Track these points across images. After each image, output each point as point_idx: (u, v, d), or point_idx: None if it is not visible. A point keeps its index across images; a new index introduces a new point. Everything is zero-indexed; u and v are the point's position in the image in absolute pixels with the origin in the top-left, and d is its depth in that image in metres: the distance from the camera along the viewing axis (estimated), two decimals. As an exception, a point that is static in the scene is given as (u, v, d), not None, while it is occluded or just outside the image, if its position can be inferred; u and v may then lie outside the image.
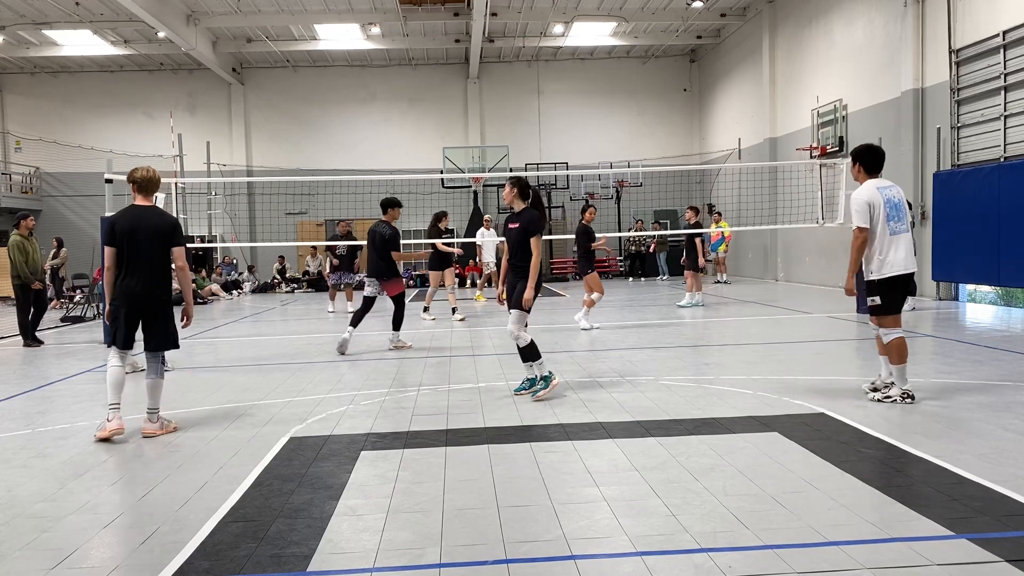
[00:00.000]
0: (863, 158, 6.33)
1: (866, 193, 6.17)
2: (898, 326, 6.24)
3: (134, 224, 5.71)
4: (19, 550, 3.66)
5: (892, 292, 6.18)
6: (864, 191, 6.21)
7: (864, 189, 6.23)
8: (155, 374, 5.86)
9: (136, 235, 5.69)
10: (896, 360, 6.17)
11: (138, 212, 5.80)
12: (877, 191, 6.15)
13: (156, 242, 5.73)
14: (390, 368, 8.59)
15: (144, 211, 5.82)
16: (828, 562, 3.24)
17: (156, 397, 5.83)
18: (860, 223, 6.13)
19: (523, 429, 5.64)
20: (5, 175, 26.11)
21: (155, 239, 5.72)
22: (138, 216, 5.76)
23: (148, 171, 5.94)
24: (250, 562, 3.42)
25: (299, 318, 15.60)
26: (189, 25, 21.82)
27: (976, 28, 13.53)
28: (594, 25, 23.92)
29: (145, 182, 5.89)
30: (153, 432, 5.77)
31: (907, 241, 6.17)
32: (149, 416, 5.82)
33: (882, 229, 6.10)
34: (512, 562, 3.34)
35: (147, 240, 5.70)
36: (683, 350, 9.40)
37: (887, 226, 6.10)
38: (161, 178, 6.02)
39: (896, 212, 6.16)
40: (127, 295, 5.71)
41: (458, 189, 26.42)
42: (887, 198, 6.15)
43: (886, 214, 6.10)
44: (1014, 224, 12.32)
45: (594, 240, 11.79)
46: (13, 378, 8.77)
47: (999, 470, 4.34)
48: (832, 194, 15.42)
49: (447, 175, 24.82)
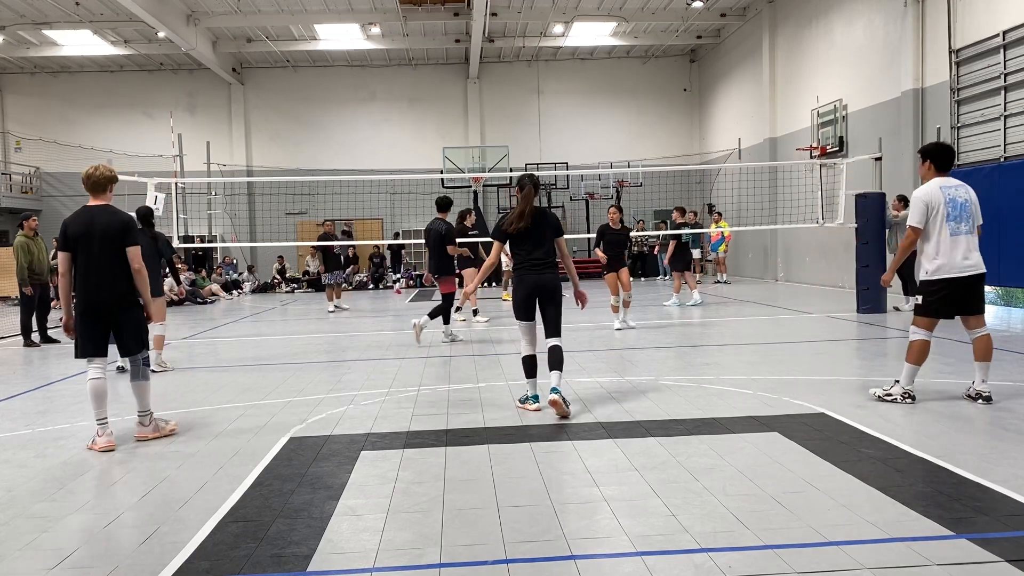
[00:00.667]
0: (933, 155, 6.15)
1: (926, 192, 6.04)
2: (929, 329, 6.07)
3: (86, 227, 5.45)
4: (19, 550, 3.66)
5: (936, 294, 6.00)
6: (925, 189, 6.07)
7: (925, 187, 6.09)
8: (138, 377, 5.70)
9: (89, 238, 5.44)
10: (912, 360, 6.08)
11: (90, 213, 5.53)
12: (940, 190, 6.00)
13: (110, 243, 5.46)
14: (390, 368, 8.59)
15: (96, 211, 5.54)
16: (828, 562, 3.24)
17: (145, 400, 5.69)
18: (913, 222, 6.02)
19: (523, 429, 5.64)
20: (5, 175, 26.10)
21: (108, 240, 5.45)
22: (90, 217, 5.50)
23: (94, 169, 5.67)
24: (250, 562, 3.42)
25: (299, 318, 15.60)
26: (189, 25, 21.82)
27: (976, 28, 13.53)
28: (594, 25, 23.92)
29: (91, 181, 5.62)
30: (146, 436, 5.65)
31: (967, 242, 5.97)
32: (141, 419, 5.69)
33: (940, 229, 5.94)
34: (512, 562, 3.34)
35: (100, 242, 5.44)
36: (683, 350, 9.40)
37: (946, 226, 5.93)
38: (112, 174, 5.71)
39: (959, 213, 5.97)
40: (88, 301, 5.49)
41: (458, 189, 26.40)
42: (950, 198, 5.99)
43: (946, 214, 5.94)
44: (1014, 224, 12.31)
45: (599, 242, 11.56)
46: (13, 378, 8.78)
47: (999, 470, 4.34)
48: (832, 194, 15.42)
49: (447, 175, 24.82)
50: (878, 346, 9.42)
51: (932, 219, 5.98)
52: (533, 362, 6.26)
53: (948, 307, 6.06)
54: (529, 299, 6.23)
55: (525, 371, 6.26)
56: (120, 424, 6.23)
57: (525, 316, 6.26)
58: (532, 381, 6.23)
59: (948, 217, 5.95)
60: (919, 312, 6.12)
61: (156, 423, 5.74)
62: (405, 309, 16.96)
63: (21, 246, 11.39)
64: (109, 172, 5.70)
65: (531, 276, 6.18)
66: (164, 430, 5.76)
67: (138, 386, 5.69)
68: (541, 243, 6.22)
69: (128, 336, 5.64)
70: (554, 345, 6.30)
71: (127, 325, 5.60)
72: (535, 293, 6.21)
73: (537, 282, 6.18)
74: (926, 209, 5.99)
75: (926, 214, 5.99)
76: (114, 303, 5.53)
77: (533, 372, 6.24)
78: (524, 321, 6.26)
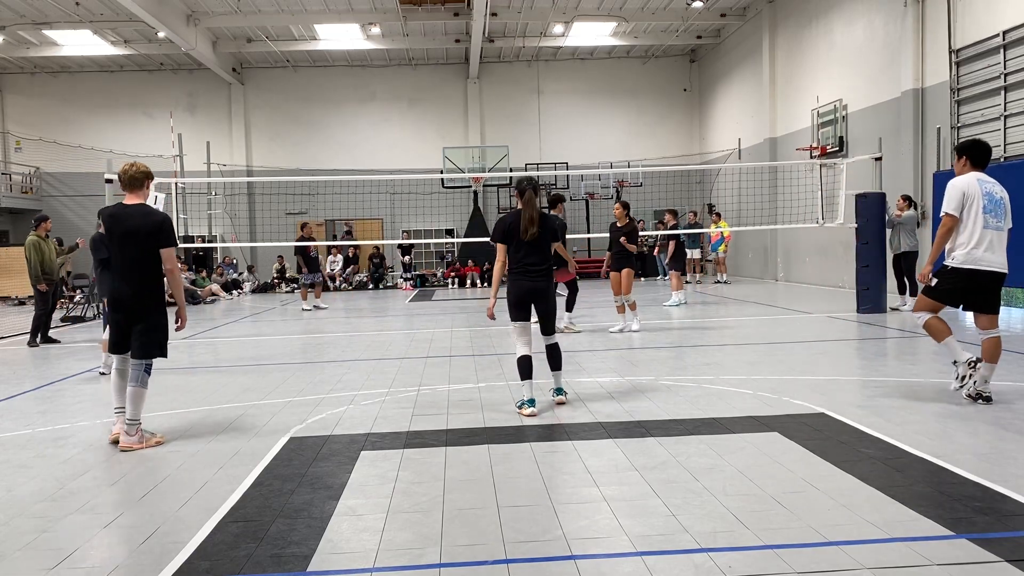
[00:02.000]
0: (970, 151, 6.12)
1: (964, 181, 5.98)
2: (931, 311, 6.08)
3: (117, 223, 5.45)
4: (19, 550, 3.66)
5: (957, 283, 5.95)
6: (962, 180, 6.01)
7: (963, 178, 6.02)
8: (136, 382, 5.43)
9: (119, 235, 5.43)
10: (939, 338, 6.04)
11: (125, 211, 5.49)
12: (977, 182, 5.96)
13: (141, 242, 5.40)
14: (390, 368, 8.59)
15: (131, 209, 5.49)
16: (828, 562, 3.24)
17: (137, 407, 5.39)
18: (948, 209, 5.93)
19: (523, 429, 5.64)
20: (5, 175, 26.10)
21: (140, 239, 5.40)
22: (122, 215, 5.47)
23: (130, 166, 5.60)
24: (250, 562, 3.42)
25: (299, 318, 15.60)
26: (189, 25, 21.82)
27: (976, 28, 13.53)
28: (594, 25, 23.92)
29: (127, 178, 5.55)
30: (130, 446, 5.33)
31: (1000, 239, 5.94)
32: (128, 428, 5.36)
33: (976, 218, 5.88)
34: (512, 562, 3.34)
35: (131, 240, 5.40)
36: (683, 350, 9.40)
37: (982, 217, 5.88)
38: (148, 171, 5.64)
39: (995, 207, 5.93)
40: (114, 298, 5.52)
41: (458, 189, 26.42)
42: (987, 191, 5.95)
43: (982, 205, 5.89)
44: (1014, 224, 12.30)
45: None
46: (13, 378, 8.77)
47: (999, 470, 4.34)
48: (832, 194, 15.42)
49: (447, 175, 24.83)
50: (878, 346, 9.42)
51: (968, 208, 5.91)
52: (529, 363, 6.20)
53: (957, 297, 6.04)
54: (523, 301, 6.27)
55: (521, 373, 6.21)
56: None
57: (520, 316, 6.28)
58: (528, 383, 6.17)
59: (985, 209, 5.90)
60: (926, 292, 6.08)
61: (142, 434, 5.44)
62: (404, 309, 16.97)
63: (33, 245, 11.54)
64: (145, 169, 5.61)
65: (525, 282, 6.22)
66: (150, 441, 5.45)
67: (134, 391, 5.40)
68: (539, 249, 6.23)
69: (143, 338, 5.47)
70: (551, 344, 6.44)
71: (143, 327, 5.47)
72: (529, 297, 6.27)
73: (532, 288, 6.23)
74: (963, 197, 5.92)
75: (962, 202, 5.91)
76: (136, 302, 5.45)
77: (529, 373, 6.18)
78: (519, 321, 6.27)
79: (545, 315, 6.37)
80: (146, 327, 5.47)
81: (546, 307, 6.34)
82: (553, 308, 6.42)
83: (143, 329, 5.47)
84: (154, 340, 5.52)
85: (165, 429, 5.98)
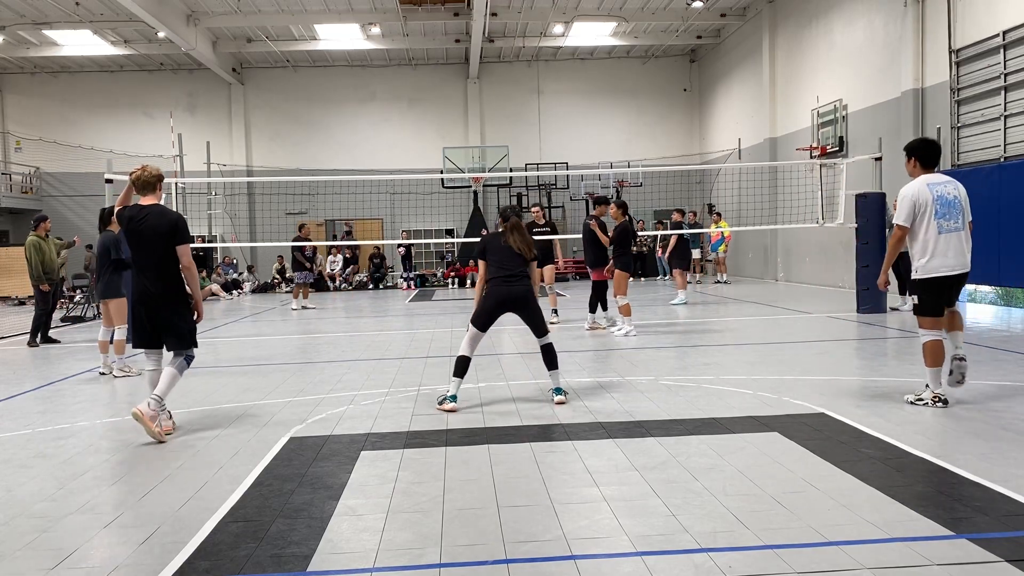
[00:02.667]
0: (918, 152, 6.11)
1: (912, 190, 5.97)
2: (936, 328, 5.98)
3: (136, 224, 5.69)
4: (19, 550, 3.66)
5: (932, 293, 5.96)
6: (912, 187, 6.00)
7: (912, 185, 6.01)
8: (175, 366, 5.77)
9: (138, 235, 5.68)
10: (929, 363, 5.95)
11: (140, 212, 5.73)
12: (927, 188, 5.93)
13: (158, 240, 5.65)
14: (390, 368, 8.59)
15: (146, 210, 5.73)
16: (828, 562, 3.24)
17: (165, 386, 5.67)
18: (899, 220, 5.97)
19: (523, 429, 5.64)
20: (5, 175, 26.10)
21: (157, 237, 5.65)
22: (140, 216, 5.70)
23: (142, 170, 5.85)
24: (250, 562, 3.42)
25: (299, 318, 15.60)
26: (189, 25, 21.82)
27: (976, 28, 13.53)
28: (594, 25, 23.92)
29: (140, 183, 5.81)
30: (142, 413, 5.44)
31: (958, 240, 5.91)
32: (151, 402, 5.58)
33: (928, 227, 5.87)
34: (512, 562, 3.34)
35: (149, 239, 5.65)
36: (683, 350, 9.40)
37: (935, 223, 5.86)
38: (159, 173, 5.88)
39: (948, 210, 5.89)
40: (138, 294, 5.75)
41: (458, 189, 26.42)
42: (939, 195, 5.91)
43: (934, 211, 5.87)
44: (1014, 224, 12.31)
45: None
46: (13, 378, 8.77)
47: (999, 470, 4.34)
48: (832, 194, 15.42)
49: (447, 175, 24.83)
50: (878, 346, 9.42)
51: (920, 217, 5.90)
52: (467, 364, 6.38)
53: (941, 304, 6.03)
54: (496, 311, 6.44)
55: (456, 370, 6.36)
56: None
57: (483, 326, 6.47)
58: (458, 381, 6.33)
59: (936, 214, 5.87)
60: (922, 313, 6.05)
61: (160, 418, 5.62)
62: (404, 309, 16.97)
63: (33, 245, 11.56)
64: (156, 172, 5.86)
65: (503, 288, 6.40)
66: (166, 427, 5.67)
67: (170, 373, 5.71)
68: (518, 258, 6.50)
69: (170, 333, 5.77)
70: (546, 344, 6.57)
71: (169, 323, 5.74)
72: (505, 306, 6.43)
73: (508, 294, 6.39)
74: (913, 207, 5.92)
75: (913, 212, 5.92)
76: (162, 298, 5.69)
77: (463, 373, 6.35)
78: (478, 330, 6.45)
79: (531, 319, 6.52)
80: (174, 321, 5.75)
81: (528, 311, 6.48)
82: (537, 309, 6.53)
83: (172, 324, 5.75)
84: (185, 333, 5.81)
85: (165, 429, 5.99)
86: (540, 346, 6.59)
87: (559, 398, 6.43)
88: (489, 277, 6.49)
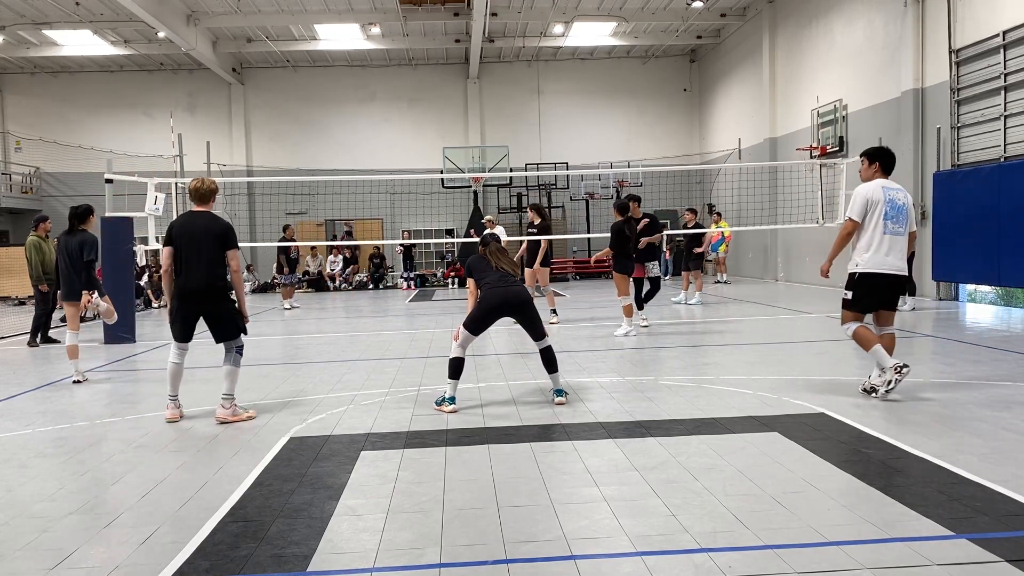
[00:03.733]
0: (881, 158, 6.45)
1: (868, 189, 6.32)
2: (855, 320, 6.36)
3: (189, 226, 6.18)
4: (19, 550, 3.66)
5: (865, 289, 6.29)
6: (867, 186, 6.34)
7: (867, 185, 6.35)
8: (229, 363, 6.21)
9: (191, 237, 6.13)
10: (867, 347, 6.28)
11: (193, 216, 6.27)
12: (881, 190, 6.27)
13: (211, 241, 6.11)
14: (390, 368, 8.59)
15: (199, 215, 6.28)
16: (828, 562, 3.24)
17: (229, 383, 6.16)
18: (852, 214, 6.31)
19: (523, 429, 5.64)
20: (5, 175, 26.09)
21: (210, 239, 6.11)
22: (193, 219, 6.24)
23: (200, 183, 6.38)
24: (250, 562, 3.42)
25: (299, 318, 15.60)
26: (189, 25, 21.81)
27: (976, 28, 13.53)
28: (594, 25, 23.91)
29: (198, 194, 6.35)
30: (225, 417, 6.09)
31: (900, 244, 6.25)
32: (223, 401, 6.14)
33: (876, 225, 6.21)
34: (512, 562, 3.34)
35: (201, 240, 6.10)
36: (683, 350, 9.40)
37: (883, 223, 6.20)
38: (215, 187, 6.42)
39: (897, 214, 6.24)
40: (185, 288, 6.11)
41: (458, 189, 26.41)
42: (890, 199, 6.25)
43: (884, 212, 6.21)
44: (1014, 224, 12.31)
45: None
46: (13, 378, 8.77)
47: (999, 470, 4.34)
48: (832, 194, 15.42)
49: (447, 175, 24.82)
50: (878, 346, 9.42)
51: (870, 214, 6.22)
52: (461, 365, 6.41)
53: (873, 302, 6.37)
54: (491, 315, 6.46)
55: (451, 372, 6.38)
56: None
57: (476, 330, 6.50)
58: (454, 383, 6.35)
59: (886, 215, 6.20)
60: (849, 308, 6.40)
61: (235, 408, 6.17)
62: (404, 309, 16.97)
63: (33, 245, 11.59)
64: (213, 185, 6.40)
65: (500, 291, 6.43)
66: (241, 416, 6.17)
67: (229, 371, 6.19)
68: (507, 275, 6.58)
69: (222, 324, 6.19)
70: (544, 348, 6.58)
71: (219, 314, 6.17)
72: (502, 310, 6.45)
73: (506, 296, 6.41)
74: (866, 204, 6.25)
75: (866, 208, 6.25)
76: (207, 293, 6.09)
77: (458, 374, 6.38)
78: (471, 333, 6.48)
79: (529, 322, 6.53)
80: (221, 314, 6.18)
81: (526, 314, 6.49)
82: (535, 312, 6.54)
83: (219, 316, 6.18)
84: (232, 323, 6.23)
85: (165, 429, 6.00)
86: (539, 350, 6.60)
87: (560, 399, 6.43)
88: (482, 286, 6.54)
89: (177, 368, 6.30)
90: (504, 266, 6.59)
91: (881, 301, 6.37)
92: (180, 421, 6.21)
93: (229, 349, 6.26)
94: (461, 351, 6.43)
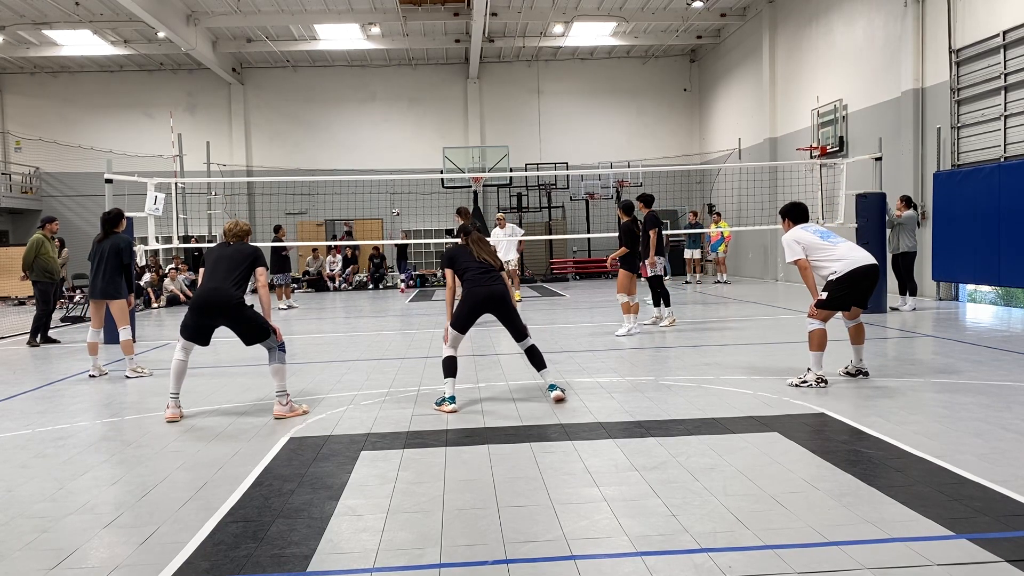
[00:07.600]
0: (791, 214, 7.13)
1: (792, 233, 6.91)
2: (824, 321, 6.74)
3: (218, 250, 6.50)
4: (19, 550, 3.66)
5: (847, 286, 6.58)
6: (790, 233, 6.95)
7: (790, 232, 6.97)
8: (274, 360, 6.34)
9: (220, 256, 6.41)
10: (815, 348, 6.69)
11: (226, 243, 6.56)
12: (801, 230, 6.91)
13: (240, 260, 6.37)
14: (390, 368, 8.59)
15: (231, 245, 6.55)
16: (828, 562, 3.24)
17: (279, 380, 6.31)
18: (792, 257, 6.79)
19: (523, 429, 5.64)
20: (5, 175, 26.09)
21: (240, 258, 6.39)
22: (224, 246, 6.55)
23: (234, 224, 6.64)
24: (250, 562, 3.42)
25: (299, 318, 15.60)
26: (189, 25, 21.81)
27: (976, 28, 13.53)
28: (594, 25, 23.91)
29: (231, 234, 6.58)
30: (283, 414, 6.22)
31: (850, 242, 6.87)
32: (278, 398, 6.30)
33: (822, 245, 6.72)
34: (512, 562, 3.34)
35: (233, 258, 6.38)
36: (683, 350, 9.40)
37: (827, 242, 6.74)
38: (248, 229, 6.69)
39: (827, 234, 6.84)
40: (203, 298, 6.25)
41: (458, 189, 26.41)
42: (815, 230, 6.90)
43: (819, 235, 6.79)
44: (1014, 224, 12.31)
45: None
46: (13, 378, 8.77)
47: (999, 470, 4.34)
48: (832, 194, 15.41)
49: (447, 175, 24.82)
50: (878, 346, 9.42)
51: (811, 248, 6.73)
52: (455, 362, 6.45)
53: (848, 300, 6.70)
54: (475, 312, 6.51)
55: (445, 371, 6.40)
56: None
57: (463, 328, 6.53)
58: (451, 381, 6.36)
59: (822, 236, 6.80)
60: (821, 306, 6.72)
61: (291, 403, 6.32)
62: (404, 309, 16.97)
63: (37, 241, 11.73)
64: (246, 227, 6.70)
65: (481, 289, 6.44)
66: (297, 411, 6.31)
67: (276, 368, 6.33)
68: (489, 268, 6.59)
69: (249, 327, 6.30)
70: (529, 347, 6.61)
71: (237, 320, 6.27)
72: (485, 306, 6.48)
73: (487, 294, 6.44)
74: (798, 244, 6.77)
75: (802, 248, 6.75)
76: (236, 305, 6.23)
77: (454, 372, 6.40)
78: (460, 332, 6.52)
79: (509, 320, 6.56)
80: (240, 319, 6.28)
81: (505, 311, 6.52)
82: (514, 310, 6.59)
83: (238, 321, 6.29)
84: (256, 325, 6.34)
85: (165, 429, 6.00)
86: (523, 350, 6.62)
87: (556, 394, 6.43)
88: (464, 279, 6.55)
89: (181, 365, 6.37)
90: (486, 256, 6.59)
91: (857, 298, 6.70)
92: (180, 421, 6.22)
93: (270, 348, 6.36)
94: (452, 350, 6.47)
